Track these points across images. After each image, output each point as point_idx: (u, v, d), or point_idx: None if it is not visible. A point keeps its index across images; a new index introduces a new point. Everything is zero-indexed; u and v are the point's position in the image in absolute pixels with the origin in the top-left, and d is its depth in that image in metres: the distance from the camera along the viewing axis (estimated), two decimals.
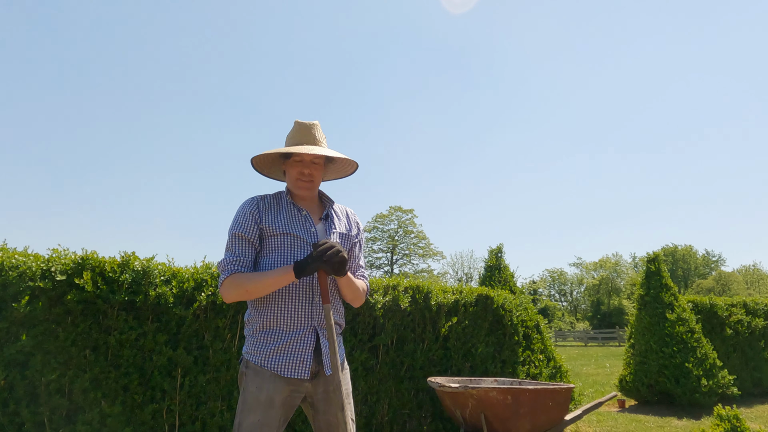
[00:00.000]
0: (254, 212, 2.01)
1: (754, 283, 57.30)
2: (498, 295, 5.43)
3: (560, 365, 5.82)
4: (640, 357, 7.28)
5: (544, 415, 3.85)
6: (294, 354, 1.93)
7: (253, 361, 1.95)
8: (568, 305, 61.14)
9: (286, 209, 2.07)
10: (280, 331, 1.95)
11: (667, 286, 7.40)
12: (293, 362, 1.93)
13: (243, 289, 1.90)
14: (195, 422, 3.39)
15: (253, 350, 1.97)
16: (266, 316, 1.97)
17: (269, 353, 1.94)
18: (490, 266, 6.72)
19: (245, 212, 2.02)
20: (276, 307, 1.96)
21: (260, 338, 1.97)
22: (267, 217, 2.02)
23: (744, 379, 7.87)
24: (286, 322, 1.95)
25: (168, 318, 3.37)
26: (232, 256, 1.96)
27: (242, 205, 2.06)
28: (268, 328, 1.97)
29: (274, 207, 2.06)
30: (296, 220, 2.05)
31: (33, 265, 3.00)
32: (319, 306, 1.99)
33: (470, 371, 4.92)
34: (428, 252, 49.56)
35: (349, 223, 2.20)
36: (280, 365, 1.92)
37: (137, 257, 3.36)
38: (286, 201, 2.10)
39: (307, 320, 1.97)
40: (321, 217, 2.12)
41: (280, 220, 2.02)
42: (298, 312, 1.96)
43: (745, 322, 8.15)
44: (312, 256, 1.85)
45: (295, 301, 1.96)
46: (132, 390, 3.19)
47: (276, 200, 2.10)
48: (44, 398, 2.95)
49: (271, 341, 1.95)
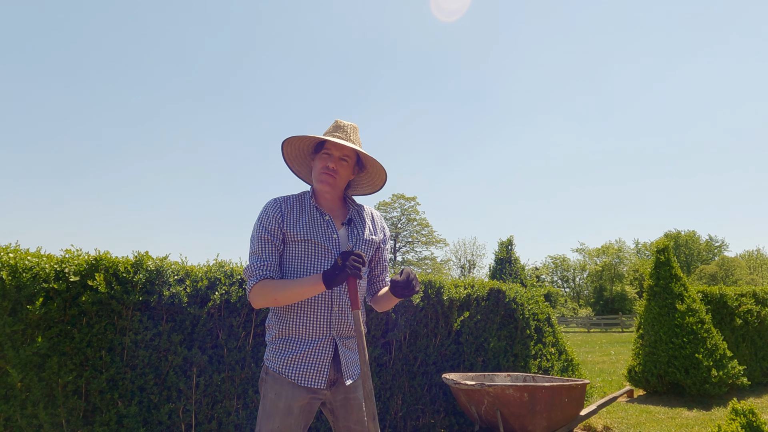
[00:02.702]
0: (277, 216, 1.98)
1: (757, 269, 57.30)
2: (509, 288, 5.40)
3: (572, 358, 5.81)
4: (650, 347, 7.26)
5: (560, 411, 3.84)
6: (311, 363, 1.93)
7: (272, 368, 1.95)
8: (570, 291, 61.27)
9: (309, 213, 2.02)
10: (298, 339, 1.94)
11: (677, 277, 7.35)
12: (310, 371, 1.92)
13: (271, 297, 1.86)
14: (211, 421, 3.38)
15: (273, 357, 1.97)
16: (285, 324, 1.95)
17: (287, 361, 1.93)
18: (501, 259, 6.68)
19: (269, 215, 1.98)
20: (295, 316, 1.94)
21: (279, 345, 1.96)
22: (289, 221, 1.98)
23: (754, 369, 7.86)
24: (304, 331, 1.94)
25: (182, 317, 3.34)
26: (258, 261, 1.93)
27: (265, 207, 2.02)
28: (286, 335, 1.96)
29: (296, 210, 2.02)
30: (318, 225, 2.00)
31: (46, 267, 2.96)
32: (338, 316, 1.96)
33: (482, 366, 4.91)
34: (431, 239, 49.59)
35: (374, 227, 2.15)
36: (298, 374, 1.92)
37: (150, 257, 3.32)
38: (309, 204, 2.05)
39: (326, 330, 1.95)
40: (344, 222, 2.07)
41: (302, 224, 1.98)
42: (316, 322, 1.94)
43: (755, 312, 8.12)
44: (339, 266, 1.80)
45: (313, 311, 1.94)
46: (148, 390, 3.18)
47: (299, 203, 2.05)
48: (61, 399, 2.94)
49: (289, 349, 1.94)
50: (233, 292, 3.49)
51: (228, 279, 3.55)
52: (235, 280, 3.57)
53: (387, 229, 2.23)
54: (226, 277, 3.55)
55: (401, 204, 49.34)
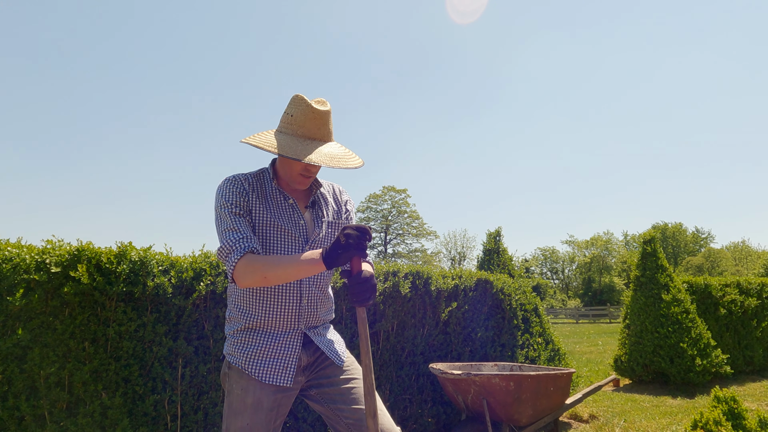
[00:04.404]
0: (241, 192, 1.77)
1: (742, 260, 58.13)
2: (497, 279, 5.42)
3: (558, 348, 5.86)
4: (636, 337, 7.36)
5: (546, 400, 3.87)
6: (276, 359, 1.79)
7: (234, 364, 1.82)
8: (559, 283, 61.81)
9: (271, 195, 1.84)
10: (262, 332, 1.80)
11: (663, 267, 7.44)
12: (276, 368, 1.78)
13: (260, 275, 1.62)
14: (197, 412, 3.37)
15: (234, 351, 1.83)
16: (249, 315, 1.81)
17: (250, 356, 1.79)
18: (489, 250, 6.70)
19: (232, 191, 1.76)
20: (260, 306, 1.79)
21: (242, 338, 1.82)
22: (254, 202, 1.79)
23: (736, 358, 7.99)
24: (270, 323, 1.80)
25: (167, 308, 3.31)
26: (237, 234, 1.68)
27: (225, 184, 1.79)
28: (250, 328, 1.81)
29: (257, 191, 1.82)
30: (283, 209, 1.83)
31: (27, 257, 2.92)
32: (306, 308, 1.83)
33: (470, 355, 4.93)
34: (422, 231, 49.70)
35: (338, 205, 1.99)
36: (262, 371, 1.77)
37: (134, 247, 3.28)
38: (271, 186, 1.85)
39: (294, 323, 1.82)
40: (307, 205, 1.90)
41: (267, 207, 1.80)
42: (284, 313, 1.80)
43: (739, 302, 8.24)
44: (342, 244, 1.56)
45: (281, 301, 1.79)
46: (133, 381, 3.15)
47: (259, 183, 1.84)
48: (44, 391, 2.90)
49: (253, 342, 1.80)
50: (219, 283, 3.47)
51: (214, 270, 3.52)
52: (220, 271, 3.55)
53: (350, 201, 2.04)
54: (211, 267, 3.53)
55: (392, 196, 49.35)
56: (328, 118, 1.76)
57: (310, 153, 1.66)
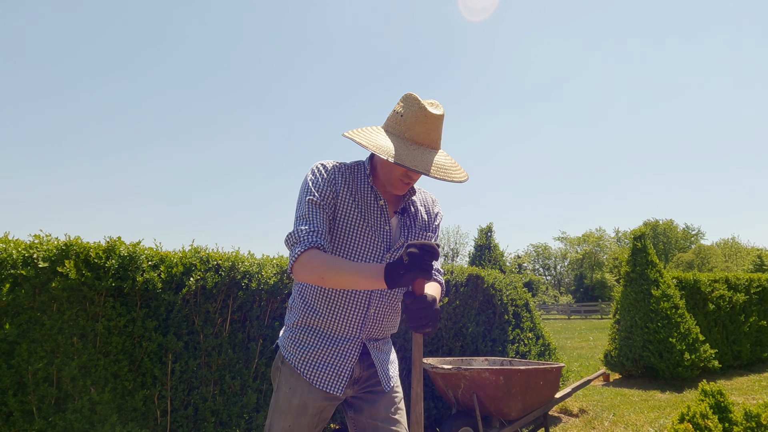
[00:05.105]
0: (332, 181, 1.67)
1: (732, 256, 58.70)
2: (488, 274, 5.44)
3: (549, 343, 5.90)
4: (625, 332, 7.42)
5: (536, 394, 3.90)
6: (332, 364, 1.70)
7: (288, 360, 1.74)
8: (552, 279, 62.19)
9: (363, 192, 1.72)
10: (322, 333, 1.72)
11: (653, 263, 7.50)
12: (329, 374, 1.70)
13: (318, 274, 1.52)
14: (187, 407, 3.36)
15: (290, 346, 1.75)
16: (311, 313, 1.72)
17: (305, 356, 1.71)
18: (480, 245, 6.72)
19: (324, 178, 1.66)
20: (324, 306, 1.70)
21: (299, 335, 1.74)
22: (344, 195, 1.67)
23: (725, 353, 8.09)
24: (332, 326, 1.71)
25: (157, 304, 3.30)
26: (308, 225, 1.58)
27: (318, 168, 1.69)
28: (310, 325, 1.73)
29: (350, 184, 1.70)
30: (372, 210, 1.72)
31: (14, 252, 2.89)
32: (373, 318, 1.74)
33: (461, 350, 4.96)
34: None
35: (428, 216, 1.86)
36: (314, 374, 1.70)
37: (123, 242, 3.26)
38: (365, 182, 1.73)
39: (355, 331, 1.72)
40: (397, 210, 1.79)
41: (356, 204, 1.69)
42: (347, 319, 1.71)
43: (727, 297, 8.33)
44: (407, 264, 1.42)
45: (346, 307, 1.70)
46: (122, 377, 3.14)
47: (353, 176, 1.73)
48: (32, 387, 2.88)
49: (310, 342, 1.72)
50: (209, 278, 3.46)
51: (204, 265, 3.51)
52: (210, 266, 3.54)
53: (441, 214, 1.92)
54: (201, 263, 3.51)
55: None
56: (440, 124, 1.62)
57: (422, 161, 1.53)
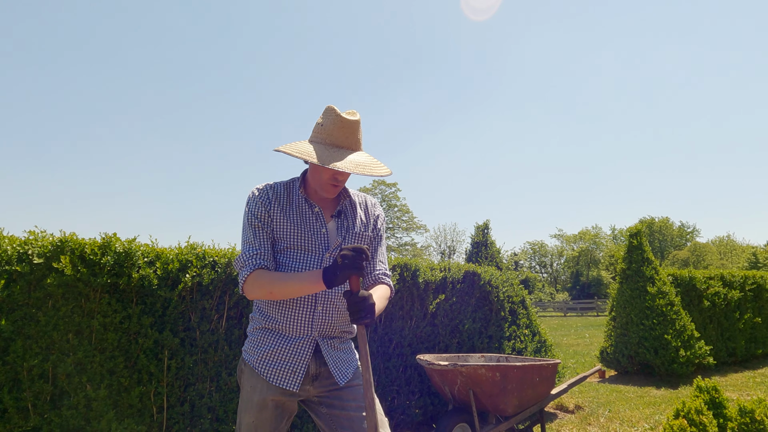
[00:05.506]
0: (265, 201, 1.86)
1: (727, 254, 58.99)
2: (485, 271, 5.45)
3: (545, 339, 5.92)
4: (621, 329, 7.45)
5: (532, 390, 3.91)
6: (287, 362, 1.84)
7: (248, 362, 1.89)
8: (548, 276, 62.35)
9: (297, 204, 1.89)
10: (276, 333, 1.86)
11: (649, 260, 7.53)
12: (284, 371, 1.83)
13: (266, 290, 1.75)
14: (184, 404, 3.36)
15: (250, 349, 1.90)
16: (265, 316, 1.88)
17: (262, 356, 1.86)
18: (477, 242, 6.74)
19: (257, 201, 1.86)
20: (276, 311, 1.85)
21: (258, 337, 1.89)
22: (276, 211, 1.86)
23: (719, 349, 8.13)
24: (285, 327, 1.85)
25: (153, 300, 3.29)
26: (251, 249, 1.80)
27: (252, 194, 1.89)
28: (266, 327, 1.88)
29: (284, 199, 1.89)
30: (306, 217, 1.88)
31: (8, 249, 2.88)
32: (321, 315, 1.85)
33: (457, 347, 4.96)
34: (411, 225, 49.78)
35: (366, 217, 2.00)
36: (270, 372, 1.84)
37: (118, 238, 3.25)
38: (297, 194, 1.91)
39: (307, 329, 1.85)
40: (333, 214, 1.93)
41: (290, 216, 1.87)
42: (297, 318, 1.84)
43: (722, 294, 8.37)
44: (340, 265, 1.62)
45: (296, 308, 1.84)
46: (118, 373, 3.13)
47: (287, 191, 1.91)
48: (27, 383, 2.88)
49: (267, 342, 1.86)
50: (205, 275, 3.45)
51: (200, 261, 3.50)
52: (207, 263, 3.53)
53: (382, 216, 2.06)
54: (197, 259, 3.50)
55: (382, 190, 49.30)
56: (357, 128, 1.81)
57: (336, 160, 1.71)
